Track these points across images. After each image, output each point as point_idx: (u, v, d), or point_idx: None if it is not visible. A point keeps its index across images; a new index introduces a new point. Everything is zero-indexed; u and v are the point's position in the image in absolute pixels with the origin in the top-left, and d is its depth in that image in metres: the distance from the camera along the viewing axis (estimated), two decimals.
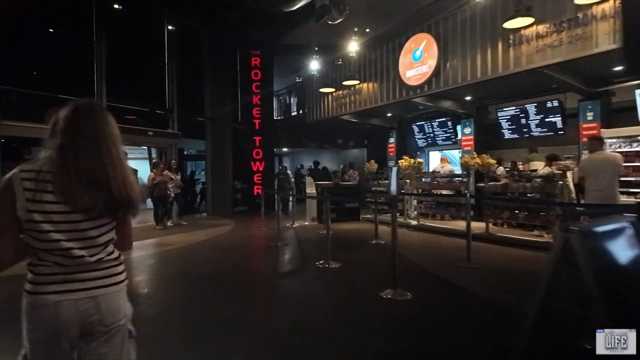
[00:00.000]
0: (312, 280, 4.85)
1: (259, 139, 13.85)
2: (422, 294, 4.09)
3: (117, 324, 1.32)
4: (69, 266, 1.24)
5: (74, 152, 1.24)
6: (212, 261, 5.96)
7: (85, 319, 1.25)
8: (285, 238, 7.39)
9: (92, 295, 1.27)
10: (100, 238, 1.29)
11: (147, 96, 10.93)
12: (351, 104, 10.67)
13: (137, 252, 6.76)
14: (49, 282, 1.23)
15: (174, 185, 9.22)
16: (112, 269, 1.33)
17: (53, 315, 1.21)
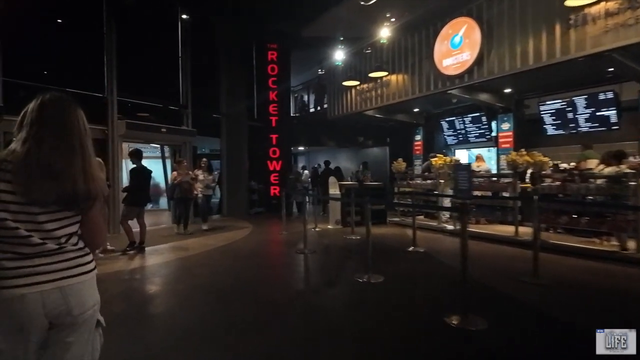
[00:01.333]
0: (356, 300, 4.09)
1: (276, 136, 13.18)
2: (498, 322, 3.30)
3: (85, 314, 1.30)
4: (32, 257, 1.22)
5: (36, 144, 1.24)
6: (233, 271, 5.25)
7: (51, 310, 1.23)
8: (311, 244, 6.66)
9: (58, 286, 1.25)
10: (58, 231, 1.27)
11: (160, 92, 10.30)
12: (377, 97, 9.89)
13: (151, 258, 6.11)
14: (13, 275, 1.20)
15: (205, 185, 8.53)
16: (78, 259, 1.31)
17: (18, 309, 1.19)
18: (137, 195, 6.78)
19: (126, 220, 6.72)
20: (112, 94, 8.83)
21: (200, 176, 8.50)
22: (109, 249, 6.70)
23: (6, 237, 1.20)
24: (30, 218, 1.22)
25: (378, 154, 14.92)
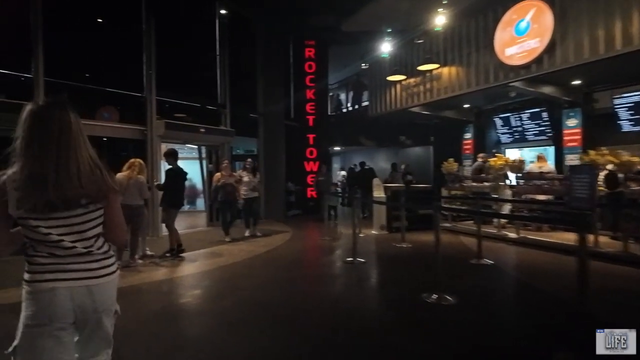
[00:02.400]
0: (432, 327, 3.46)
1: (313, 136, 12.70)
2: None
3: (107, 308, 1.45)
4: (64, 257, 1.36)
5: (29, 158, 1.33)
6: (279, 285, 4.74)
7: (79, 305, 1.36)
8: (359, 253, 6.08)
9: (86, 285, 1.37)
10: (89, 232, 1.41)
11: (198, 91, 10.06)
12: (425, 92, 9.16)
13: (190, 266, 5.73)
14: (45, 270, 1.34)
15: (250, 187, 7.94)
16: (103, 262, 1.44)
17: (49, 301, 1.32)
18: (174, 197, 6.47)
19: (173, 223, 6.43)
20: (151, 93, 8.62)
21: (245, 177, 7.92)
22: (148, 254, 6.42)
23: (42, 240, 1.35)
24: (62, 222, 1.35)
25: (420, 154, 14.10)
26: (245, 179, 7.91)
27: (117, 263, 4.31)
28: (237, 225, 8.17)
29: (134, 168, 5.79)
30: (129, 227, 5.75)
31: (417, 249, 6.83)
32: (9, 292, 4.12)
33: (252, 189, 8.00)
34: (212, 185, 7.75)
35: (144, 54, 8.58)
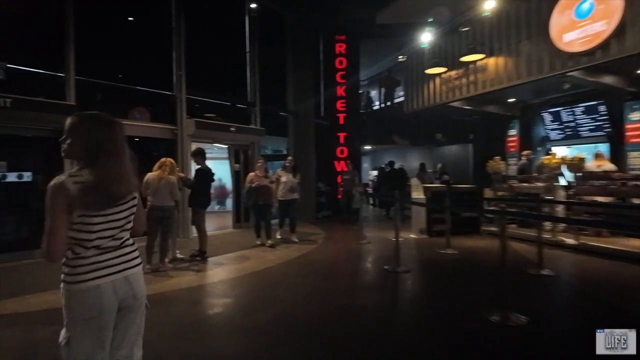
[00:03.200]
0: (509, 356, 2.93)
1: (344, 135, 12.24)
2: None
3: (143, 297, 1.62)
4: (103, 254, 1.50)
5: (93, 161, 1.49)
6: (319, 297, 4.32)
7: (121, 295, 1.52)
8: (401, 259, 5.57)
9: (124, 276, 1.54)
10: (128, 224, 1.59)
11: (227, 89, 9.82)
12: (469, 85, 8.50)
13: (221, 272, 5.42)
14: (88, 270, 1.46)
15: (287, 189, 7.20)
16: (132, 254, 1.60)
17: (97, 298, 1.45)
18: (202, 196, 6.20)
19: (203, 223, 6.18)
20: (181, 92, 8.43)
21: (283, 178, 7.22)
22: (178, 257, 6.17)
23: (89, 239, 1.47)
24: (111, 217, 1.51)
25: (457, 152, 13.36)
26: (284, 179, 7.22)
27: (147, 267, 4.12)
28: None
29: (165, 168, 5.53)
30: (158, 229, 5.52)
31: (465, 256, 6.24)
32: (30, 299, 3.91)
33: (290, 190, 7.23)
34: (244, 186, 7.19)
35: (173, 51, 8.41)
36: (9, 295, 4.21)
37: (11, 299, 4.13)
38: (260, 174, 6.95)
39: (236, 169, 9.70)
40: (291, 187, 7.21)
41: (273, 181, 7.09)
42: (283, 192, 7.15)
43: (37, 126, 6.25)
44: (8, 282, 4.76)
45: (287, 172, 7.32)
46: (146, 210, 5.42)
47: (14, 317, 3.66)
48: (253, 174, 7.01)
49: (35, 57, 6.32)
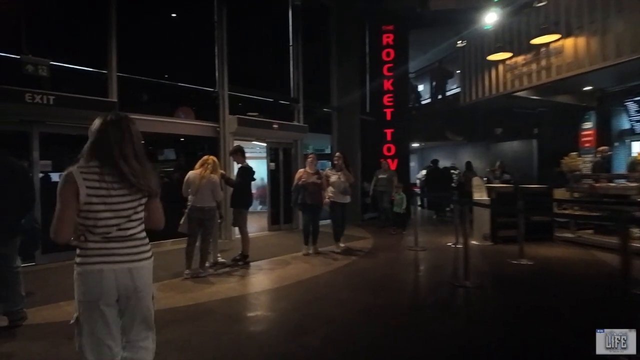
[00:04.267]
0: None
1: (391, 131, 11.41)
2: None
3: (146, 289, 1.69)
4: (110, 242, 1.61)
5: (103, 154, 1.64)
6: (377, 318, 3.67)
7: (121, 285, 1.61)
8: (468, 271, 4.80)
9: (128, 267, 1.62)
10: (137, 215, 1.69)
11: (269, 84, 9.42)
12: (540, 72, 7.46)
13: (262, 280, 4.94)
14: (94, 254, 1.59)
15: (339, 190, 6.27)
16: (141, 247, 1.70)
17: (98, 280, 1.58)
18: (244, 196, 5.78)
19: (245, 225, 5.77)
20: (224, 88, 8.12)
21: (332, 177, 6.33)
22: (219, 262, 5.79)
23: (98, 225, 1.60)
24: (117, 207, 1.62)
25: (519, 148, 12.10)
26: (333, 179, 6.31)
27: (186, 272, 4.58)
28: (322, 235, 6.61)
29: (207, 166, 5.15)
30: (199, 231, 5.15)
31: (544, 268, 5.33)
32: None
33: (342, 191, 6.32)
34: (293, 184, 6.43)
35: (215, 46, 8.12)
36: (43, 302, 3.97)
37: (45, 305, 3.88)
38: (310, 170, 6.22)
39: (271, 168, 9.23)
40: (344, 189, 6.27)
41: (321, 178, 6.25)
42: (332, 194, 6.28)
43: (80, 124, 6.11)
44: (45, 285, 4.56)
45: (336, 170, 6.39)
46: (186, 211, 5.07)
47: (44, 328, 3.36)
48: (302, 171, 6.31)
49: (77, 54, 6.21)
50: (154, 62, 7.17)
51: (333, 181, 6.33)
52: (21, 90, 5.24)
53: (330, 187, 6.30)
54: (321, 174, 6.32)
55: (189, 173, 5.17)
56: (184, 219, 5.07)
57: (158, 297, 4.31)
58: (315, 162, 6.32)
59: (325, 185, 6.29)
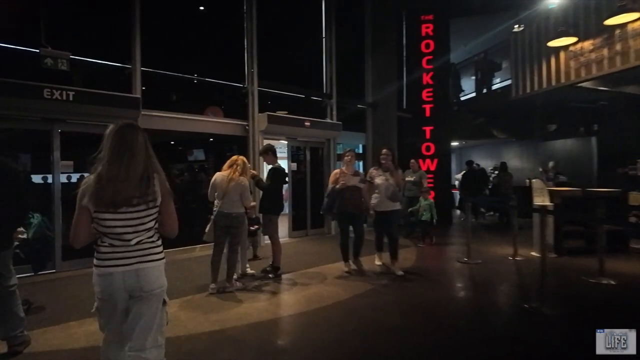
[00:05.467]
0: None
1: (430, 129, 10.58)
2: None
3: (154, 291, 1.76)
4: (120, 247, 1.73)
5: (101, 162, 1.74)
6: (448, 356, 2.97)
7: (129, 285, 1.72)
8: (536, 292, 3.98)
9: (135, 269, 1.72)
10: (142, 225, 1.75)
11: (301, 79, 8.83)
12: (614, 58, 6.43)
13: (295, 299, 4.31)
14: (106, 258, 1.73)
15: (386, 195, 4.99)
16: (151, 250, 1.78)
17: (109, 282, 1.71)
18: (275, 201, 5.17)
19: (276, 233, 5.17)
20: (253, 84, 7.60)
21: (378, 179, 5.11)
22: (248, 273, 5.24)
23: (106, 233, 1.72)
24: (123, 217, 1.71)
25: (574, 147, 10.92)
26: (379, 181, 5.08)
27: (211, 287, 4.26)
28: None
29: (236, 167, 4.58)
30: (225, 240, 4.60)
31: (634, 291, 4.41)
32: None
33: (390, 196, 5.00)
34: (327, 187, 5.46)
35: (245, 39, 7.60)
36: (52, 320, 3.52)
37: (53, 326, 3.43)
38: (348, 171, 5.12)
39: (292, 169, 8.56)
40: (392, 193, 4.99)
41: (365, 181, 5.15)
42: (379, 200, 5.06)
43: (102, 122, 5.73)
44: (59, 298, 4.14)
45: (383, 171, 5.15)
46: (212, 217, 4.54)
47: (47, 357, 2.88)
48: (338, 171, 5.21)
49: (99, 48, 5.83)
50: (180, 56, 6.74)
51: (379, 184, 5.07)
52: (39, 85, 4.89)
53: (375, 190, 5.11)
54: (363, 175, 5.25)
55: (215, 175, 4.63)
56: (209, 227, 4.53)
57: (178, 317, 3.68)
58: (354, 161, 5.24)
59: (369, 189, 5.14)
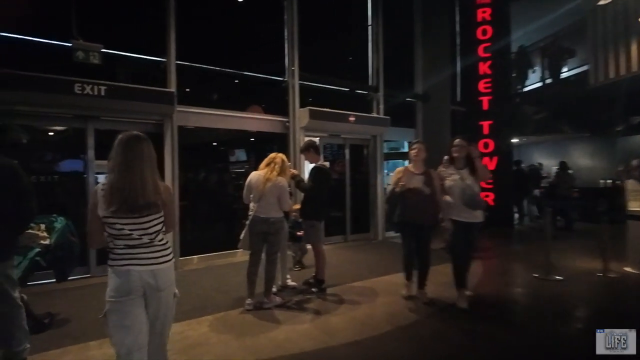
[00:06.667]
0: None
1: (489, 124, 9.50)
2: None
3: (167, 288, 1.92)
4: (134, 247, 1.86)
5: (112, 173, 1.85)
6: None
7: (145, 283, 1.85)
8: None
9: (150, 269, 1.86)
10: (150, 229, 1.88)
11: (344, 71, 8.19)
12: None
13: (342, 323, 3.65)
14: (122, 257, 1.85)
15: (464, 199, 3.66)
16: (162, 252, 1.92)
17: (126, 280, 1.82)
18: (319, 205, 4.52)
19: (320, 241, 4.56)
20: (294, 77, 7.05)
21: (448, 180, 3.81)
22: (289, 285, 4.66)
23: (118, 235, 1.84)
24: (132, 221, 1.84)
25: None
26: (452, 182, 3.77)
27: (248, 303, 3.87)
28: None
29: (274, 166, 4.01)
30: (263, 248, 4.06)
31: None
32: None
33: (467, 202, 3.64)
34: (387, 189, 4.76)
35: (285, 29, 7.08)
36: (72, 338, 3.14)
37: (71, 345, 3.03)
38: (415, 169, 3.95)
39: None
40: (469, 198, 3.62)
41: (431, 184, 3.82)
42: (452, 209, 3.77)
43: (136, 119, 5.45)
44: (87, 310, 3.77)
45: (456, 168, 3.84)
46: (247, 222, 4.00)
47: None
48: (401, 170, 4.01)
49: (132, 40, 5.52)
50: (216, 48, 6.33)
51: (450, 185, 3.78)
52: (70, 80, 4.61)
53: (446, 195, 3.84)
54: (434, 174, 3.92)
55: (250, 174, 4.09)
56: (245, 233, 3.99)
57: (208, 339, 3.07)
58: (423, 155, 3.95)
59: (440, 191, 3.87)
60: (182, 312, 3.72)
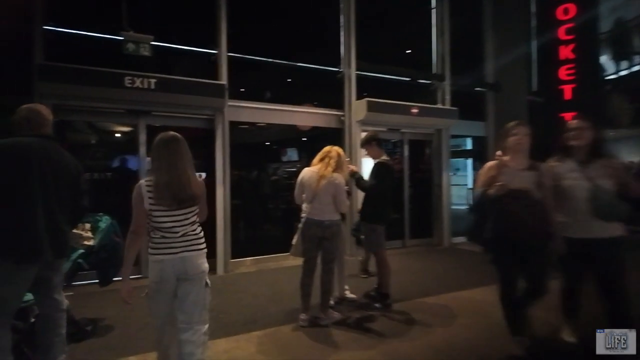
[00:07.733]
0: None
1: (572, 116, 8.19)
2: None
3: (196, 275, 2.14)
4: (169, 238, 2.10)
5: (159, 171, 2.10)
6: None
7: (176, 270, 2.10)
8: None
9: (181, 256, 2.10)
10: (185, 220, 2.13)
11: (405, 59, 7.46)
12: None
13: (404, 352, 3.01)
14: (158, 247, 2.10)
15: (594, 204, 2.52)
16: (194, 241, 2.16)
17: (160, 268, 2.08)
18: (381, 206, 3.92)
19: (383, 248, 3.96)
20: (350, 67, 6.50)
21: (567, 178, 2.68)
22: (348, 297, 4.11)
23: (158, 227, 2.10)
24: (172, 213, 2.10)
25: None
26: (570, 181, 2.66)
27: (301, 318, 3.46)
28: None
29: (330, 161, 3.48)
30: (317, 255, 3.55)
31: None
32: None
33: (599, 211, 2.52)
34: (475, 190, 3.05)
35: (341, 15, 6.55)
36: (114, 352, 2.85)
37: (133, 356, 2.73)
38: (514, 163, 2.69)
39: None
40: (597, 205, 2.51)
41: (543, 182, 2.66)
42: (574, 219, 2.63)
43: (188, 114, 5.22)
44: (131, 317, 3.51)
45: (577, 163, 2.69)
46: (300, 226, 3.52)
47: None
48: (493, 164, 2.76)
49: (183, 32, 5.30)
50: (268, 39, 5.94)
51: (570, 186, 2.67)
52: (119, 72, 4.45)
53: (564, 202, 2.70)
54: (545, 170, 2.72)
55: (303, 171, 3.59)
56: (297, 238, 3.51)
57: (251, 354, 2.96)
58: (526, 144, 2.70)
59: (550, 194, 2.68)
60: (232, 323, 3.38)
